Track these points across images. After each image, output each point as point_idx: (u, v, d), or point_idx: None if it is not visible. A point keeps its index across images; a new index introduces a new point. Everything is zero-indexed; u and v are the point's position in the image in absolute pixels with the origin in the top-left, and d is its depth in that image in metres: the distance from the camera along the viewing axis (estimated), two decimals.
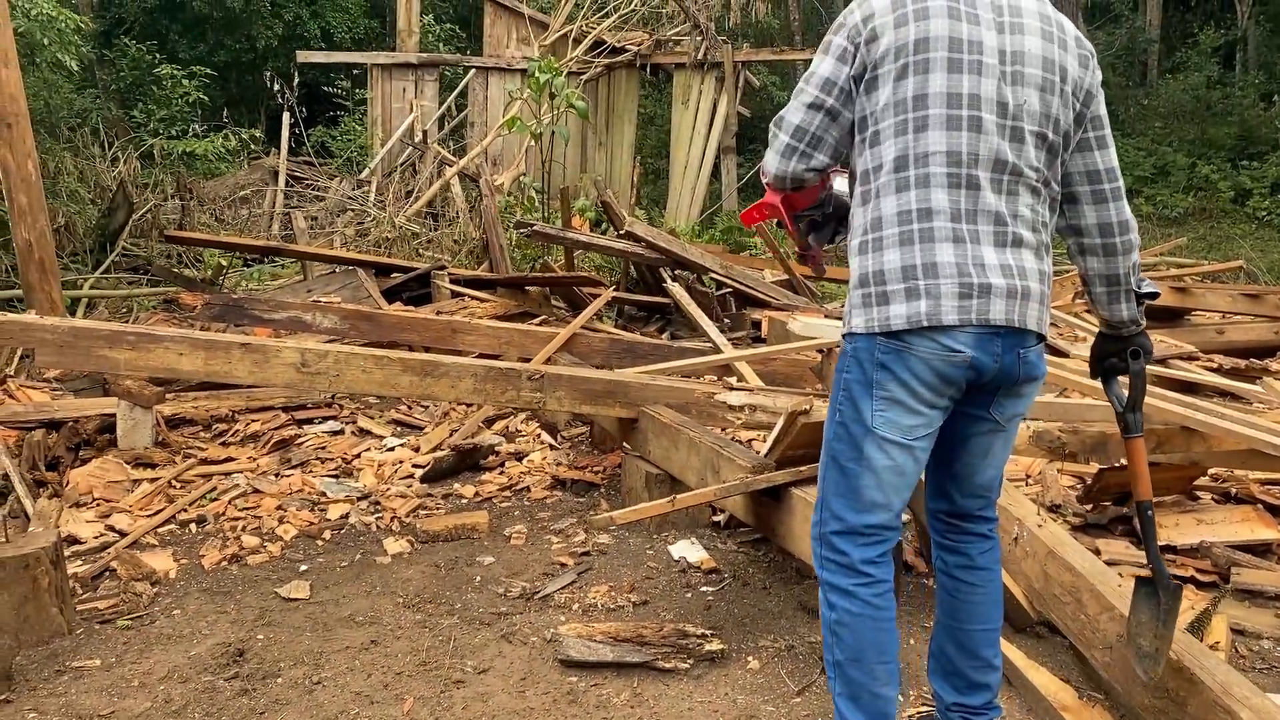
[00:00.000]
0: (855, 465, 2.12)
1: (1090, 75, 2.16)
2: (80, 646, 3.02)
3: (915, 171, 2.04)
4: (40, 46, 8.59)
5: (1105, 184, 2.20)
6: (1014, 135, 2.05)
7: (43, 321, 3.92)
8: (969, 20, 2.05)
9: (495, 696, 2.74)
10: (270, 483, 4.35)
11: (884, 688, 2.12)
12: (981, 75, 2.03)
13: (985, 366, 2.05)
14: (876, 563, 2.13)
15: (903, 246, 2.04)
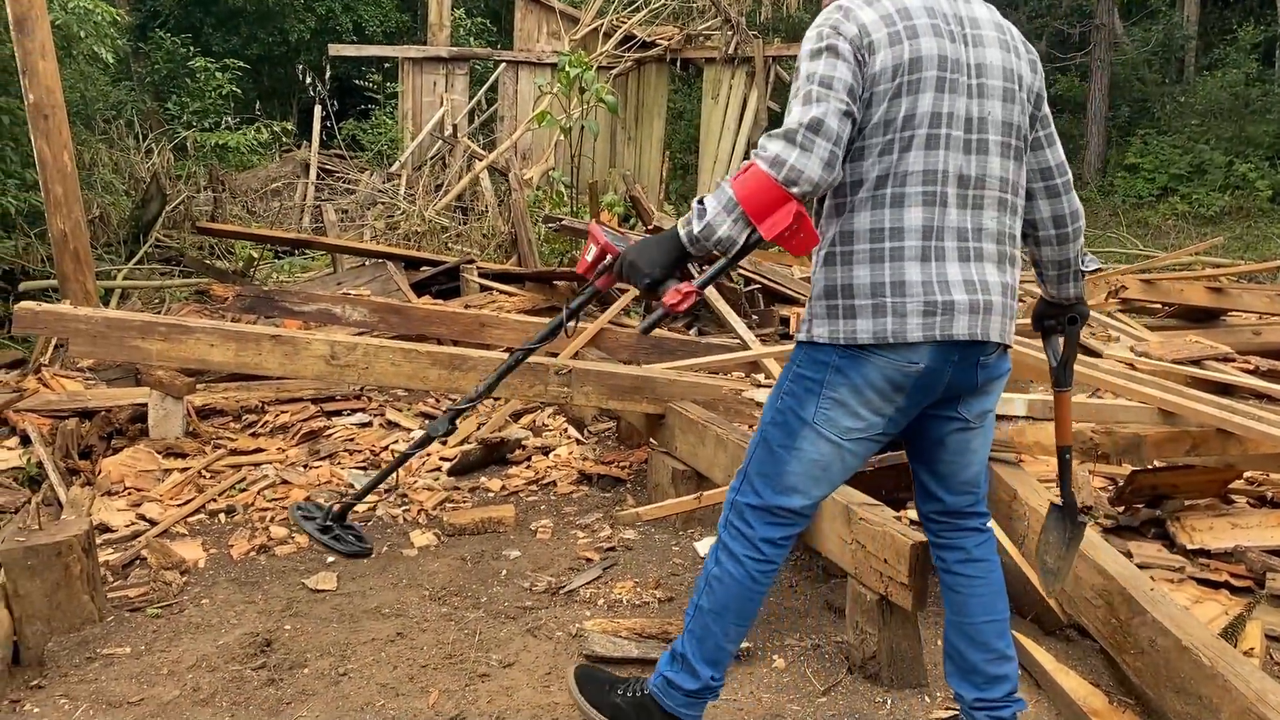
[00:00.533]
0: (785, 451, 2.20)
1: (1038, 79, 2.23)
2: (111, 634, 3.05)
3: (893, 190, 2.07)
4: (77, 39, 8.65)
5: (1057, 179, 2.27)
6: (979, 148, 2.10)
7: (77, 312, 3.96)
8: (949, 38, 2.08)
9: (520, 691, 2.74)
10: (299, 474, 4.38)
11: (729, 643, 2.30)
12: (959, 93, 2.08)
13: (939, 374, 2.11)
14: (775, 544, 2.24)
15: (873, 264, 2.08)
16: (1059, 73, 20.67)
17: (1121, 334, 5.07)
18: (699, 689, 2.30)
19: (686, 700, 2.31)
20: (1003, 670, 2.33)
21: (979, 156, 2.10)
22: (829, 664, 2.86)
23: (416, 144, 14.15)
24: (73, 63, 9.05)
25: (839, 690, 2.74)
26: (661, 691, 2.33)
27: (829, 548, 2.94)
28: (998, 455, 3.40)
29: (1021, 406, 3.39)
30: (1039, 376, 4.24)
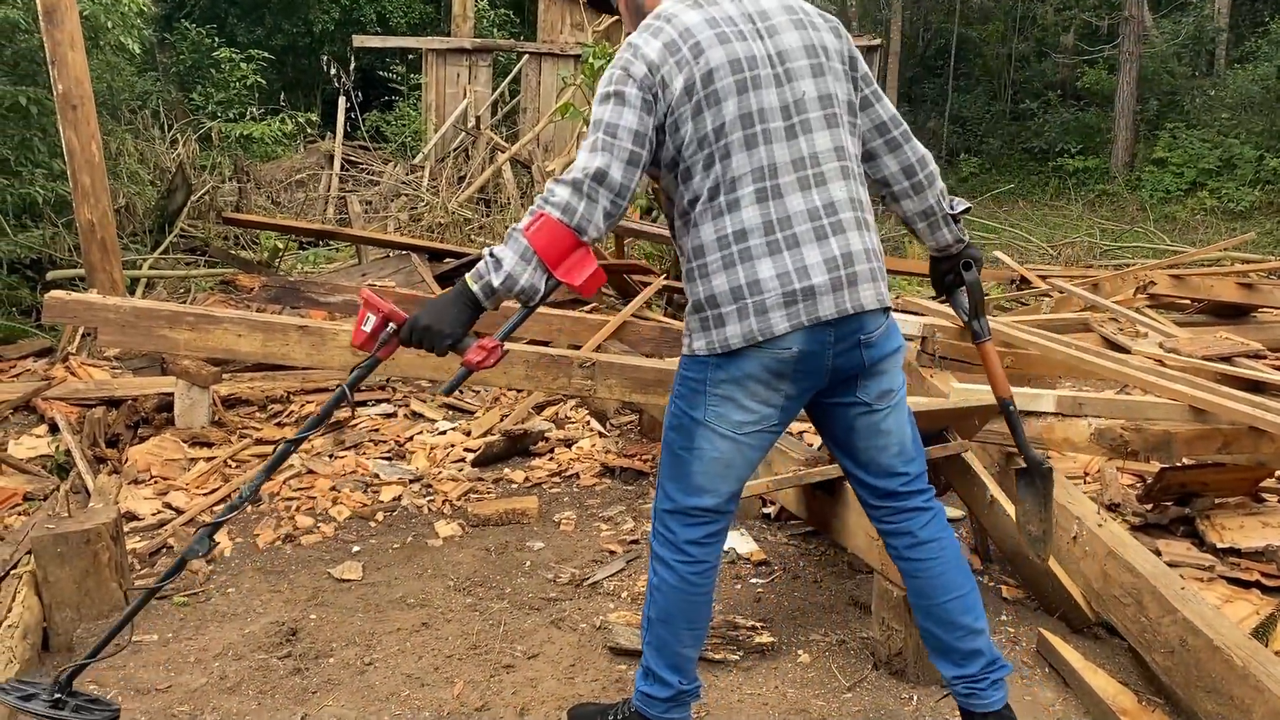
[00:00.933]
0: (686, 454, 2.23)
1: (845, 42, 2.27)
2: (138, 621, 3.05)
3: (726, 198, 2.12)
4: (104, 29, 8.69)
5: (894, 131, 2.32)
6: (803, 129, 2.15)
7: (106, 301, 3.99)
8: (737, 39, 2.13)
9: (544, 682, 2.74)
10: (324, 464, 4.40)
11: (686, 648, 2.32)
12: (762, 88, 2.12)
13: (818, 356, 2.14)
14: (701, 544, 2.27)
15: (727, 270, 2.12)
16: (1086, 65, 20.51)
17: (1150, 330, 5.02)
18: (672, 695, 2.33)
19: (666, 707, 2.34)
20: (975, 645, 2.33)
21: (805, 137, 2.15)
22: (854, 659, 2.85)
23: (440, 136, 14.17)
24: (99, 53, 9.09)
25: (864, 686, 2.72)
26: (644, 705, 2.36)
27: (855, 543, 2.93)
28: None
29: (1050, 403, 3.36)
30: (1068, 372, 4.21)
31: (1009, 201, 17.27)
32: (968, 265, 2.49)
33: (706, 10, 2.15)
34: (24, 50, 7.93)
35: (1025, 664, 2.84)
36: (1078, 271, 9.23)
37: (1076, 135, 19.60)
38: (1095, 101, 20.37)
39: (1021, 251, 12.34)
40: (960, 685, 2.34)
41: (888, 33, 19.11)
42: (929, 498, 2.37)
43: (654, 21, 2.15)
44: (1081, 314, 5.61)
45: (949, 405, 3.17)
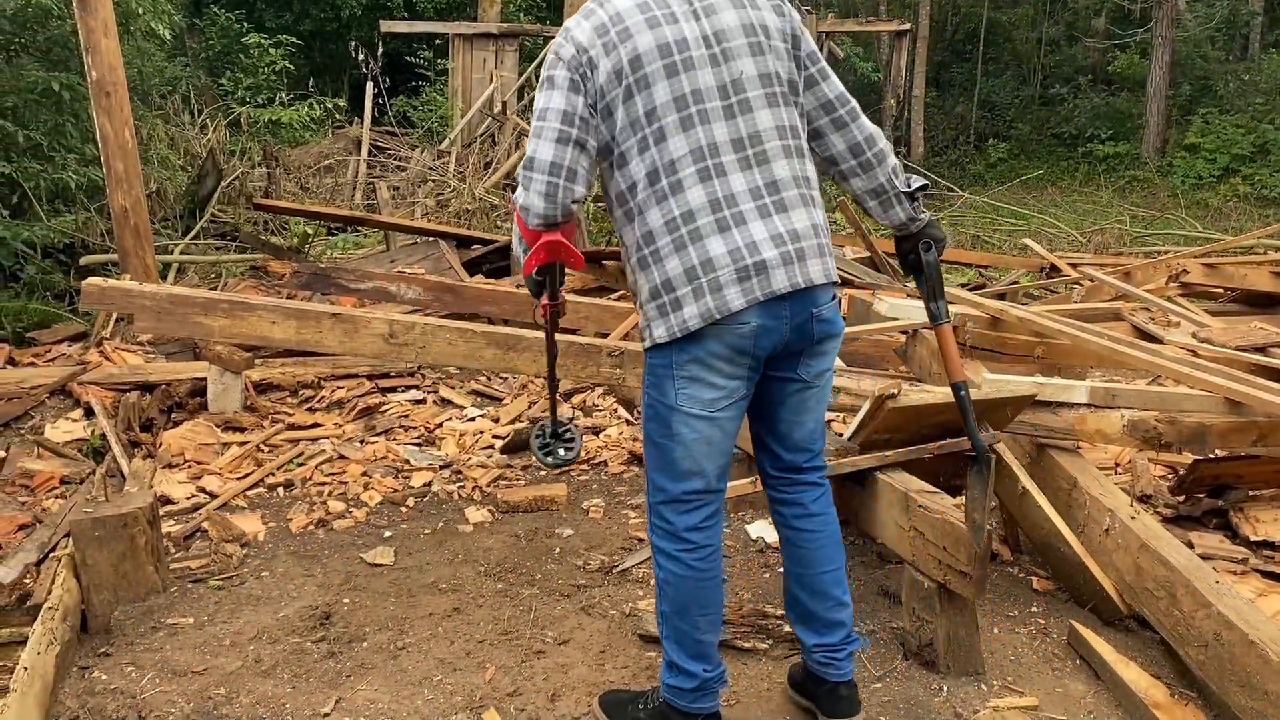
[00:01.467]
0: (667, 441, 2.26)
1: (789, 21, 2.28)
2: (174, 604, 3.12)
3: (667, 181, 2.15)
4: (135, 15, 8.75)
5: (840, 109, 2.34)
6: (742, 108, 2.17)
7: (143, 288, 4.03)
8: (667, 22, 2.16)
9: (575, 668, 2.77)
10: (355, 449, 4.44)
11: (704, 634, 2.33)
12: (696, 69, 2.15)
13: (776, 330, 2.18)
14: (700, 529, 2.29)
15: (678, 253, 2.15)
16: (1118, 50, 20.25)
17: (1183, 319, 4.97)
18: (698, 685, 2.34)
19: (694, 696, 2.35)
20: (840, 616, 2.43)
21: (745, 117, 2.17)
22: (884, 650, 2.85)
23: (466, 121, 14.19)
24: (130, 39, 9.15)
25: (894, 676, 2.73)
26: (672, 696, 2.38)
27: (886, 535, 2.93)
28: (1057, 443, 3.37)
29: (1083, 394, 3.34)
30: (1099, 361, 4.18)
31: (1038, 188, 17.11)
32: (927, 246, 2.49)
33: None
34: (57, 36, 8.00)
35: (1056, 656, 2.84)
36: (1109, 259, 9.14)
37: (1107, 120, 19.36)
38: (1126, 86, 20.12)
39: (1051, 239, 12.23)
40: (819, 653, 2.44)
41: (916, 17, 18.94)
42: (823, 475, 2.48)
43: (590, 4, 2.21)
44: (1113, 303, 5.56)
45: (981, 396, 3.16)
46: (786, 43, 2.26)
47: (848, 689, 2.44)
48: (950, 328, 2.53)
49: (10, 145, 7.48)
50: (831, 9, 19.48)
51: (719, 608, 2.36)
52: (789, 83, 2.25)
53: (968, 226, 13.27)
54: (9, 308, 6.72)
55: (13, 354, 5.49)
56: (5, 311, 6.66)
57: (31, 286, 7.27)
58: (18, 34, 7.87)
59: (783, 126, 2.21)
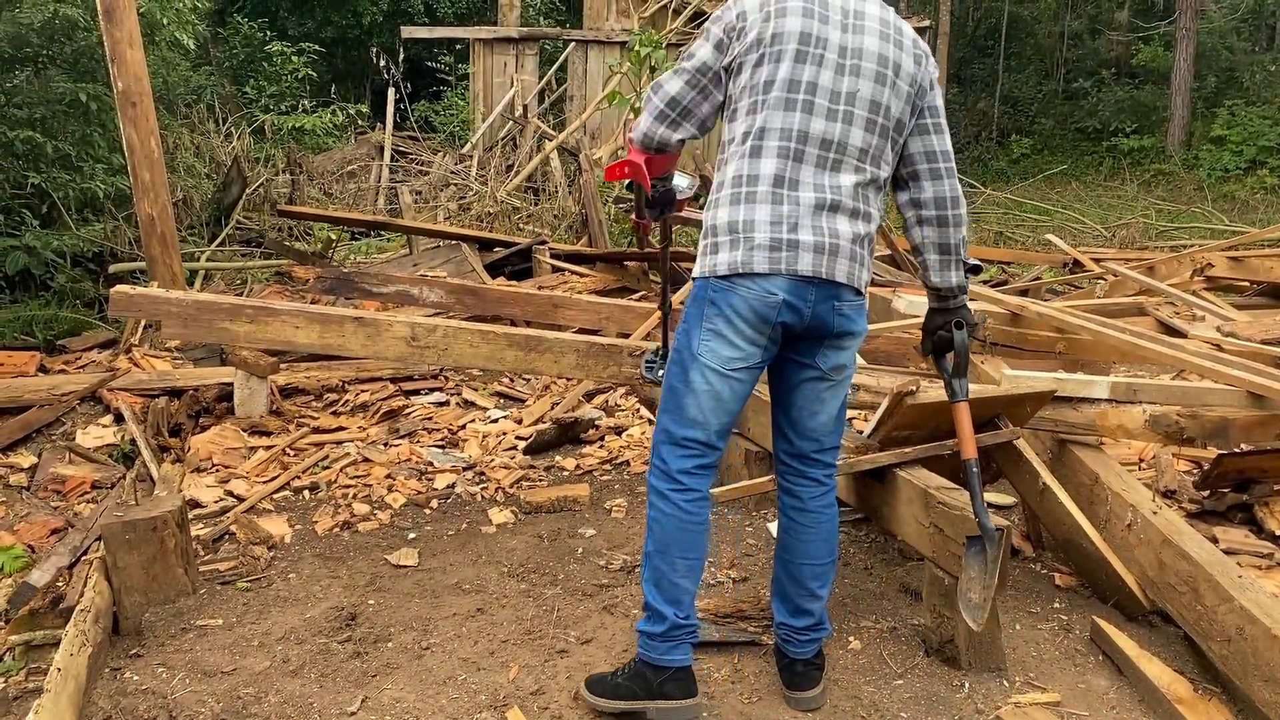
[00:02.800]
0: (682, 386, 2.45)
1: (923, 71, 2.45)
2: (203, 606, 3.17)
3: (753, 144, 2.37)
4: (159, 26, 8.85)
5: (940, 163, 2.50)
6: (844, 118, 2.36)
7: (169, 295, 4.09)
8: (820, 19, 2.36)
9: (598, 667, 2.78)
10: (379, 452, 4.48)
11: (682, 579, 2.48)
12: (822, 66, 2.34)
13: (799, 310, 2.36)
14: (692, 473, 2.46)
15: (732, 205, 2.38)
16: (1142, 42, 20.08)
17: (1207, 313, 4.94)
18: (668, 629, 2.48)
19: (664, 644, 2.49)
20: (810, 606, 2.60)
21: (843, 125, 2.36)
22: (905, 646, 2.86)
23: (487, 125, 14.25)
24: (155, 49, 9.26)
25: (916, 672, 2.73)
26: (645, 649, 2.51)
27: (906, 531, 2.93)
28: (1078, 438, 3.36)
29: (1104, 389, 3.33)
30: (1122, 356, 4.16)
31: (1061, 183, 17.01)
32: (960, 324, 2.60)
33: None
34: (83, 48, 8.11)
35: (1078, 651, 2.84)
36: (1133, 254, 9.08)
37: (1131, 114, 19.21)
38: (1150, 79, 19.95)
39: (1074, 234, 12.16)
40: (782, 630, 2.64)
41: (937, 13, 18.85)
42: (830, 474, 2.63)
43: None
44: (1136, 298, 5.54)
45: (1001, 392, 3.16)
46: (912, 88, 2.42)
47: (804, 666, 2.61)
48: (966, 406, 2.59)
49: (39, 156, 7.60)
50: None
51: (699, 557, 2.51)
52: (897, 121, 2.41)
53: (990, 223, 13.21)
54: (40, 315, 6.83)
55: (44, 361, 5.57)
56: (36, 319, 6.78)
57: (62, 295, 7.39)
58: (45, 46, 7.98)
59: (867, 151, 2.39)
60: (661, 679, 2.49)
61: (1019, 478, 3.25)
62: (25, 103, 7.83)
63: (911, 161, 2.49)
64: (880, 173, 2.44)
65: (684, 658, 2.50)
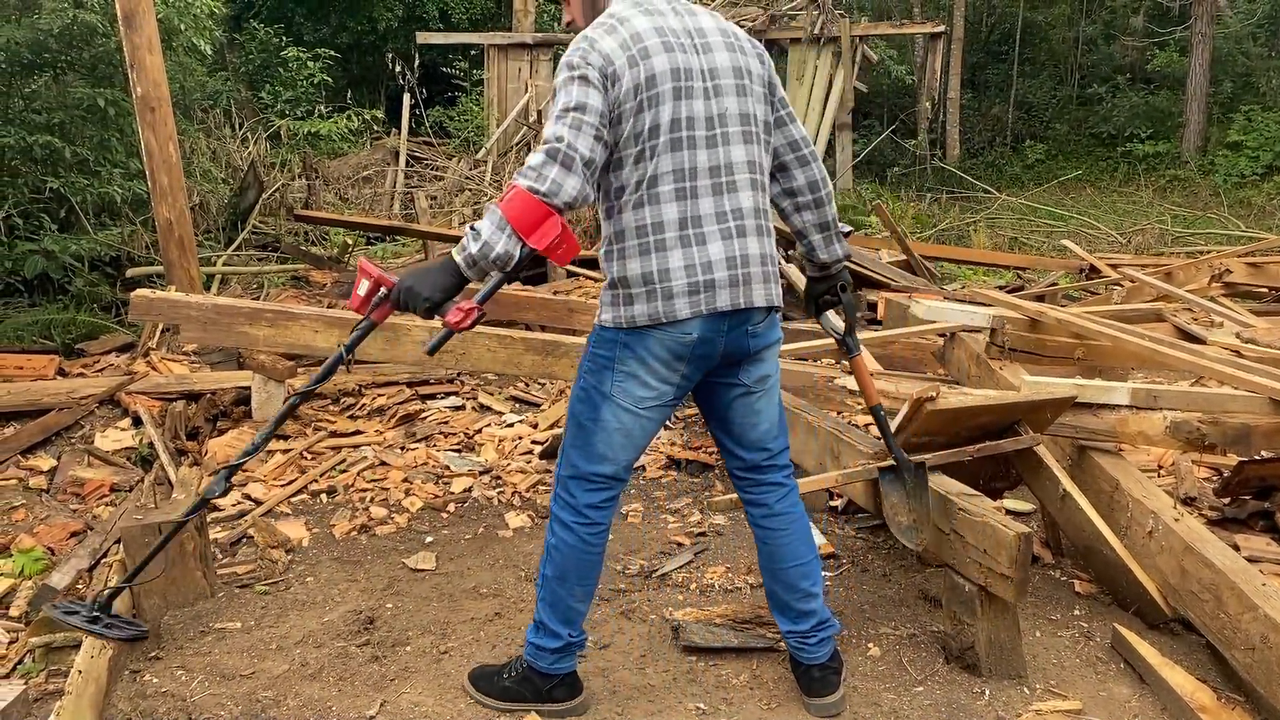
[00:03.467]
0: (591, 424, 2.46)
1: (767, 68, 2.52)
2: (222, 609, 3.18)
3: (649, 191, 2.33)
4: (177, 31, 8.90)
5: (805, 149, 2.56)
6: (722, 140, 2.38)
7: (188, 299, 4.11)
8: (679, 50, 2.35)
9: (616, 672, 2.78)
10: (396, 456, 4.49)
11: (578, 603, 2.57)
12: (694, 98, 2.35)
13: (713, 342, 2.39)
14: (598, 508, 2.51)
15: (642, 256, 2.34)
16: (1157, 48, 20.00)
17: (1226, 319, 4.91)
18: (561, 646, 2.57)
19: (555, 657, 2.57)
20: (809, 606, 2.62)
21: (724, 148, 2.37)
22: (925, 653, 2.85)
23: (502, 130, 14.29)
24: (172, 54, 9.32)
25: (935, 679, 2.72)
26: (534, 657, 2.59)
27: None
28: (1098, 445, 3.34)
29: (1124, 395, 3.31)
30: (1140, 362, 4.14)
31: (1076, 188, 16.94)
32: (844, 286, 2.73)
33: (655, 19, 2.36)
34: (101, 53, 8.16)
35: (1099, 659, 2.82)
36: (1149, 260, 9.04)
37: (1146, 119, 19.12)
38: (1166, 84, 19.86)
39: (1090, 239, 12.11)
40: (792, 639, 2.64)
41: (951, 18, 18.83)
42: (788, 474, 2.66)
43: (608, 20, 2.35)
44: (1154, 303, 5.51)
45: (1020, 398, 3.15)
46: (764, 88, 2.48)
47: (820, 670, 2.61)
48: (863, 359, 2.81)
49: (58, 160, 7.66)
50: (865, 12, 19.41)
51: (595, 582, 2.58)
52: (764, 123, 2.46)
53: (1005, 228, 13.17)
54: (58, 319, 6.87)
55: (63, 365, 5.60)
56: (54, 323, 6.82)
57: (79, 299, 7.43)
58: (64, 52, 8.04)
59: (752, 162, 2.42)
60: (550, 685, 2.59)
61: (1039, 484, 3.24)
62: (44, 108, 7.90)
63: (777, 155, 2.54)
64: (765, 180, 2.49)
65: (570, 664, 2.61)
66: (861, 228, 11.52)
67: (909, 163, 17.23)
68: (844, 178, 14.53)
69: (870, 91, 16.48)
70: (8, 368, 5.34)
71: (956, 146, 18.49)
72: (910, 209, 13.52)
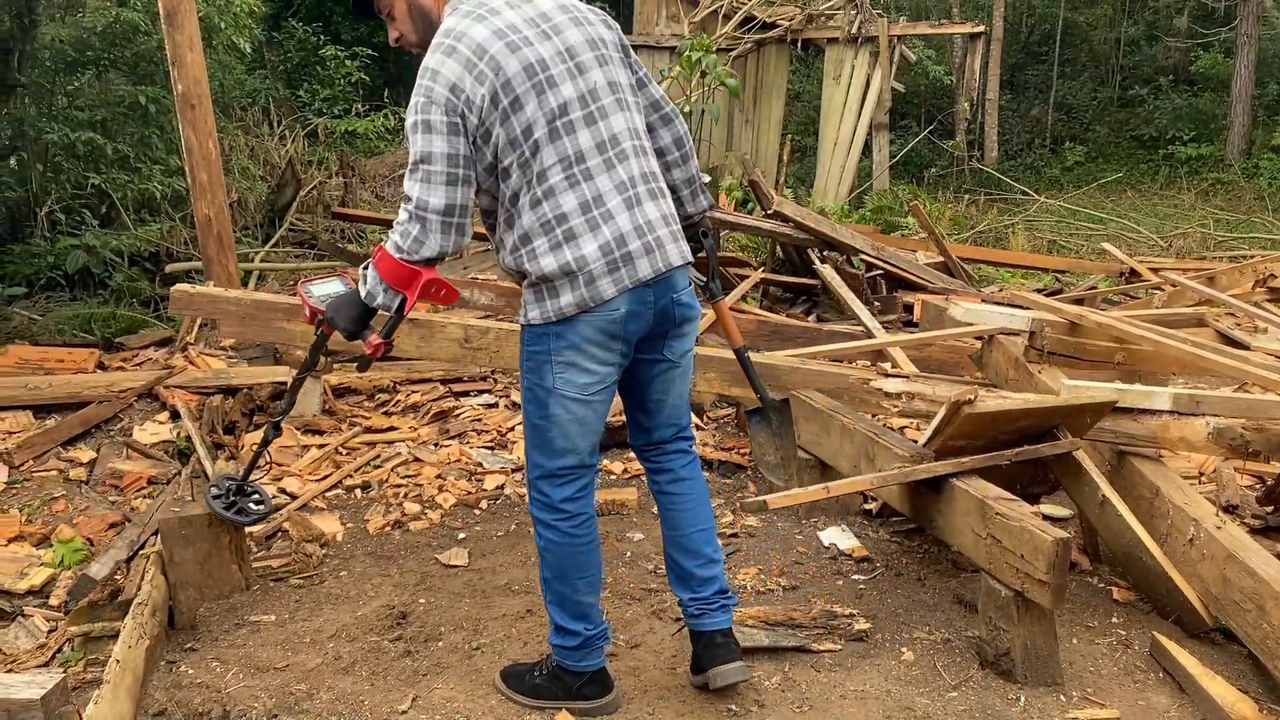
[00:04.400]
0: (544, 421, 2.48)
1: (616, 33, 2.55)
2: (256, 602, 3.20)
3: (540, 188, 2.37)
4: (217, 30, 8.99)
5: (665, 108, 2.65)
6: (600, 115, 2.41)
7: (228, 294, 4.15)
8: (525, 45, 2.36)
9: (647, 672, 2.78)
10: (430, 452, 4.51)
11: (584, 596, 2.56)
12: (559, 84, 2.37)
13: (642, 314, 2.42)
14: (574, 499, 2.52)
15: (554, 251, 2.37)
16: (1201, 49, 19.71)
17: (1270, 325, 4.82)
18: (582, 642, 2.56)
19: (579, 655, 2.57)
20: (712, 572, 2.64)
21: (603, 122, 2.41)
22: (959, 658, 2.82)
23: None
24: (212, 53, 9.40)
25: (970, 685, 2.69)
26: (561, 657, 2.59)
27: (961, 542, 2.89)
28: (1138, 451, 3.30)
29: (1165, 400, 3.26)
30: (1182, 367, 4.08)
31: (1116, 191, 16.73)
32: (705, 232, 2.90)
33: (491, 22, 2.35)
34: (143, 51, 8.27)
35: (1138, 668, 2.78)
36: (1191, 264, 8.91)
37: (1189, 122, 18.85)
38: (1210, 86, 19.57)
39: (1130, 243, 11.96)
40: (693, 606, 2.62)
41: (990, 19, 18.66)
42: (690, 445, 2.72)
43: (445, 40, 2.34)
44: (1196, 308, 5.42)
45: (1060, 402, 3.11)
46: (620, 53, 2.53)
47: (723, 636, 2.60)
48: (725, 302, 2.94)
49: (100, 157, 7.76)
50: (903, 12, 19.27)
51: (596, 571, 2.58)
52: (629, 88, 2.52)
53: (1044, 231, 13.03)
54: (99, 314, 6.96)
55: (103, 359, 5.68)
56: (95, 317, 6.90)
57: (119, 293, 7.52)
58: (107, 50, 8.15)
59: (632, 129, 2.48)
60: (580, 683, 2.58)
61: (1077, 490, 3.20)
62: (87, 105, 8.01)
63: (648, 113, 2.61)
64: (648, 142, 2.54)
65: (598, 660, 2.60)
66: (898, 228, 11.43)
67: (946, 164, 17.10)
68: (881, 178, 14.43)
69: (908, 92, 16.35)
70: (49, 361, 5.42)
71: (995, 148, 18.33)
72: (948, 210, 13.41)
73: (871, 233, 9.01)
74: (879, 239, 8.45)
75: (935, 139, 17.79)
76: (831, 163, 14.25)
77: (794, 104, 17.99)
